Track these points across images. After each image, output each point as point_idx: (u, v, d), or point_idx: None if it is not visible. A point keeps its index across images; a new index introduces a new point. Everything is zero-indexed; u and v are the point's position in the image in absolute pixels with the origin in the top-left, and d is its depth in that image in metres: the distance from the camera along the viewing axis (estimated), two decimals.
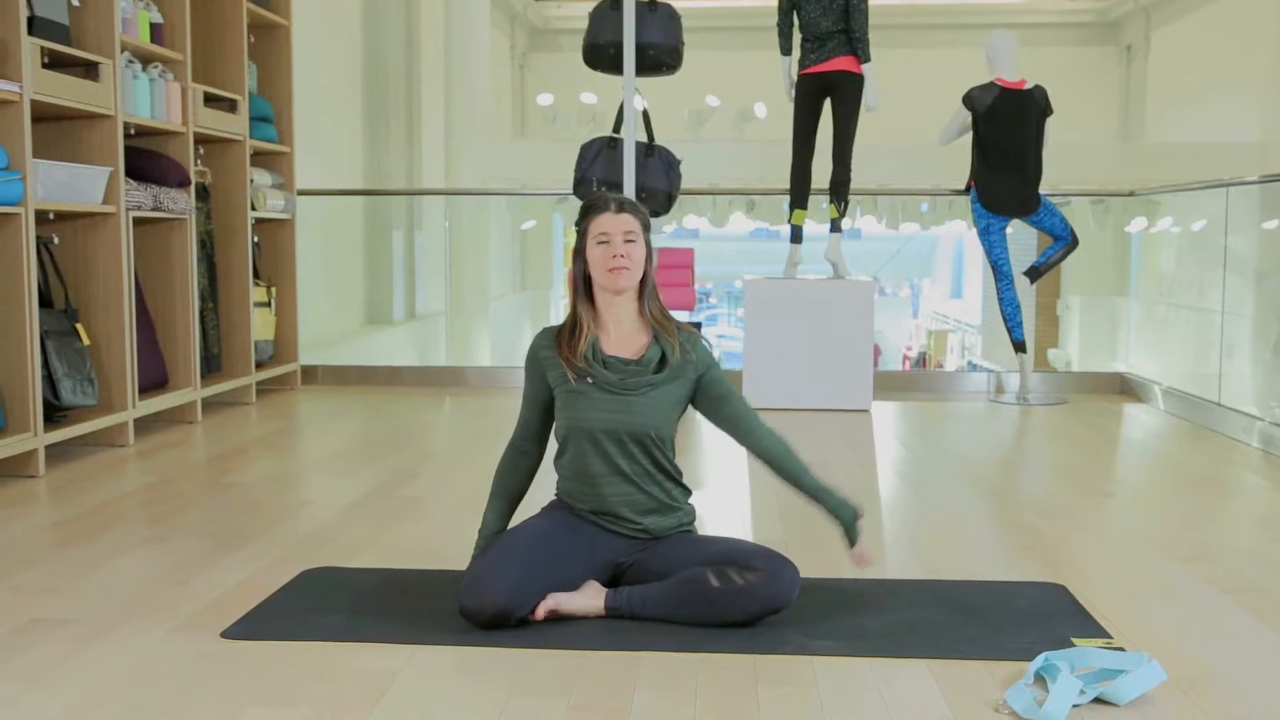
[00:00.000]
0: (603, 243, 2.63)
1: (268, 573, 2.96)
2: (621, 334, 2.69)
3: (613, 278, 2.63)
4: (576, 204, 6.12)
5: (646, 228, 2.68)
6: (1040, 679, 2.23)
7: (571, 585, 2.58)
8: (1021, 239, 8.24)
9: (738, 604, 2.48)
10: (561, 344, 2.69)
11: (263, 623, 2.57)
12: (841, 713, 2.11)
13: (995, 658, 2.37)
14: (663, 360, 2.66)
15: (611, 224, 2.64)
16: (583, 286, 2.70)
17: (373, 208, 10.27)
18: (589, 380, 2.64)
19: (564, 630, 2.49)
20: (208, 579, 2.91)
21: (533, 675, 2.27)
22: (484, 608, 2.47)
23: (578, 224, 2.71)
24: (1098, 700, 2.14)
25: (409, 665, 2.33)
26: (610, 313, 2.69)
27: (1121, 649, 2.41)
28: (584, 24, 5.81)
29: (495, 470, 2.81)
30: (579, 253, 2.69)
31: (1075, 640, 2.46)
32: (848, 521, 2.64)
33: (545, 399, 2.74)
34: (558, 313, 13.47)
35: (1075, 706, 2.11)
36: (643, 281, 2.69)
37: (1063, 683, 2.11)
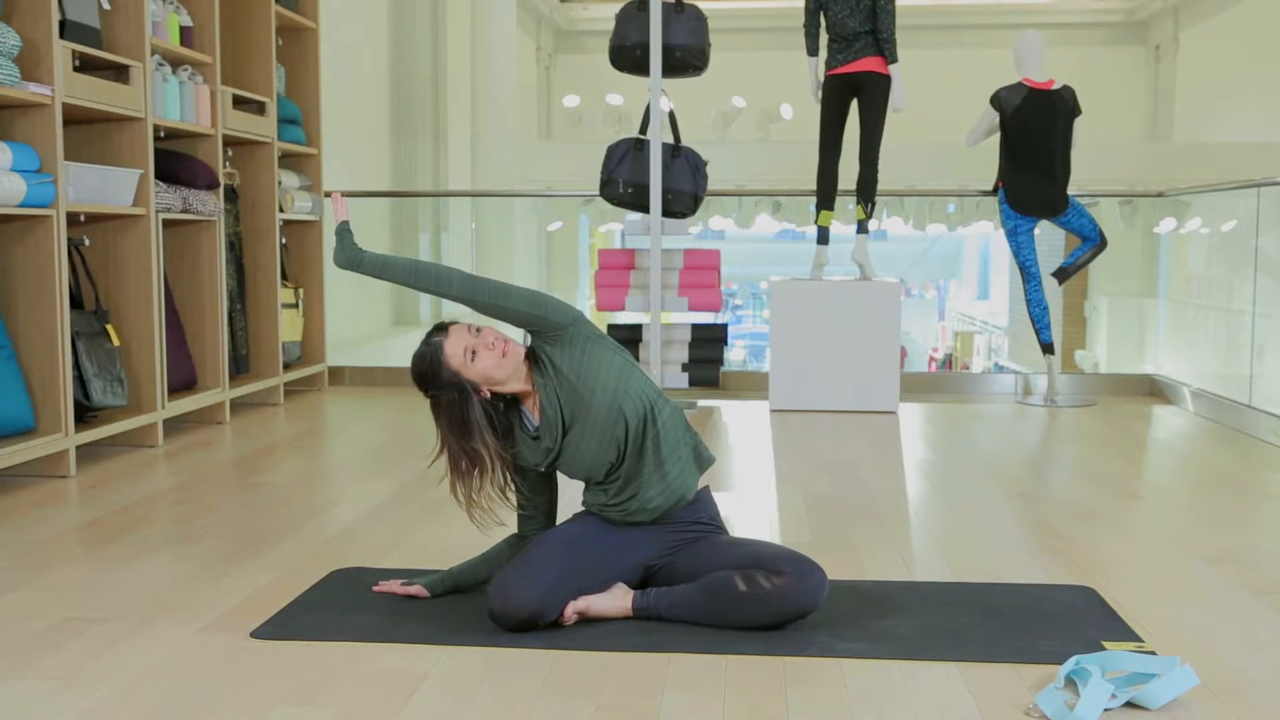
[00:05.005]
0: (473, 354, 2.53)
1: (296, 573, 2.98)
2: (538, 399, 2.63)
3: (508, 360, 2.54)
4: (603, 205, 6.15)
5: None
6: (1071, 682, 2.22)
7: (600, 589, 2.59)
8: (1051, 239, 8.20)
9: (765, 608, 2.48)
10: (505, 465, 2.64)
11: (292, 622, 2.58)
12: (869, 715, 2.11)
13: (1024, 661, 2.36)
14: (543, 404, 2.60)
15: (457, 343, 2.53)
16: (490, 414, 2.59)
17: (399, 209, 10.31)
18: (558, 439, 2.61)
19: (592, 631, 2.49)
20: (237, 578, 2.93)
21: (561, 676, 2.28)
22: (512, 613, 2.47)
23: (435, 403, 2.58)
24: (1129, 704, 2.13)
25: (438, 666, 2.33)
26: (520, 392, 2.62)
27: (1153, 652, 2.39)
28: (610, 25, 5.82)
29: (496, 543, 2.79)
30: (464, 404, 2.55)
31: (1106, 644, 2.44)
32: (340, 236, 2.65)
33: (539, 478, 2.72)
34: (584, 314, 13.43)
35: (1106, 710, 2.10)
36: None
37: (1094, 686, 2.10)
